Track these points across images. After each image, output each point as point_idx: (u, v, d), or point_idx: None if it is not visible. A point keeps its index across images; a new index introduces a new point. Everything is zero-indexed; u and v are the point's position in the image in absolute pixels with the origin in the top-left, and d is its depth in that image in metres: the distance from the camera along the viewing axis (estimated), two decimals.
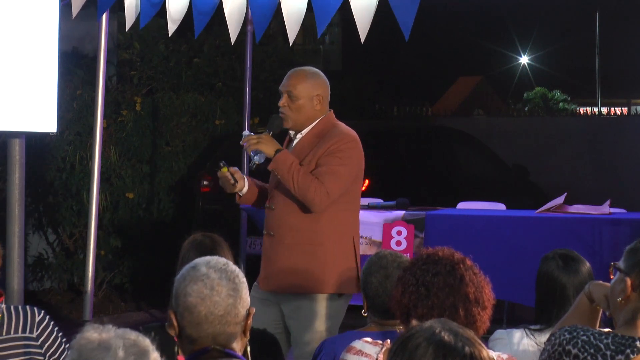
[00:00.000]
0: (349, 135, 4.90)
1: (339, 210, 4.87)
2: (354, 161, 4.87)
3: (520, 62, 32.79)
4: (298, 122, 4.96)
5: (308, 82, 4.94)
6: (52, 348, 3.58)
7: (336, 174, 4.80)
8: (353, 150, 4.87)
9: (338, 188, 4.80)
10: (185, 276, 2.64)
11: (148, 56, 10.72)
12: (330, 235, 4.86)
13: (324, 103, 4.97)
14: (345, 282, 4.89)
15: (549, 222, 7.36)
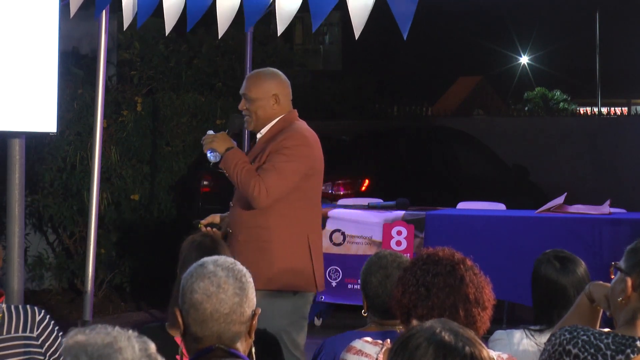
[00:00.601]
0: (299, 134, 4.97)
1: (290, 207, 4.91)
2: (301, 159, 4.91)
3: (520, 62, 32.79)
4: (258, 123, 5.05)
5: (263, 83, 5.05)
6: (53, 348, 3.58)
7: (279, 171, 4.86)
8: (301, 147, 4.93)
9: (280, 185, 4.85)
10: (193, 273, 2.64)
11: (148, 56, 10.72)
12: (280, 233, 4.89)
13: (282, 102, 5.05)
14: (297, 279, 4.90)
15: (549, 222, 7.36)
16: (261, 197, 4.85)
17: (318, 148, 5.06)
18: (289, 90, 5.14)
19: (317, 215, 5.07)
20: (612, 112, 17.86)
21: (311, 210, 5.01)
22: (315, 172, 5.01)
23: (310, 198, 5.01)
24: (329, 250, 7.72)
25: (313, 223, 5.02)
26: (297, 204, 4.93)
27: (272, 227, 4.92)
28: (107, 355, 2.07)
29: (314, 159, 5.00)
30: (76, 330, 2.13)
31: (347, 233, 7.69)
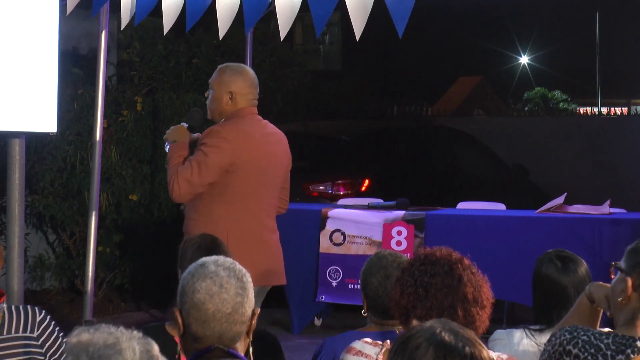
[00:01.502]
0: (220, 130, 5.03)
1: (211, 202, 5.01)
2: (220, 155, 4.97)
3: (520, 62, 32.78)
4: (213, 115, 5.17)
5: (224, 78, 5.16)
6: (53, 348, 3.58)
7: (192, 165, 4.95)
8: (220, 142, 4.99)
9: (194, 180, 4.94)
10: (194, 273, 2.63)
11: (148, 56, 10.72)
12: (201, 226, 4.97)
13: (237, 101, 5.16)
14: None
15: (549, 222, 7.36)
16: (174, 190, 5.01)
17: (245, 145, 5.08)
18: (249, 91, 5.24)
19: (243, 212, 5.09)
20: (612, 112, 17.85)
21: (231, 207, 5.05)
22: (236, 169, 5.05)
23: (232, 194, 5.05)
24: (329, 250, 7.73)
25: (233, 220, 5.05)
26: (217, 198, 5.02)
27: (196, 220, 5.06)
28: (108, 356, 2.07)
29: (233, 156, 5.03)
30: (80, 329, 2.13)
31: (347, 233, 7.69)
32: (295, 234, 7.87)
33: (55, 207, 9.00)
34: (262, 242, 5.15)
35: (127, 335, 2.12)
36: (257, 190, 5.14)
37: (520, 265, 6.93)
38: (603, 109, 22.06)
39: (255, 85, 5.29)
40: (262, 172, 5.14)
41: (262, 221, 5.18)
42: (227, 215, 5.03)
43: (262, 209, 5.19)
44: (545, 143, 14.37)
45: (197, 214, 5.07)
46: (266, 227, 5.21)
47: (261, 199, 5.17)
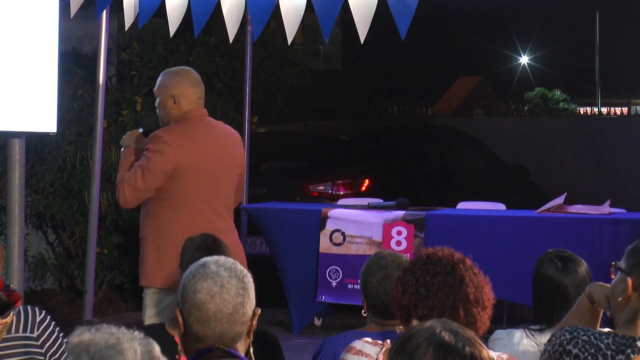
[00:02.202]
0: (164, 135, 5.03)
1: (159, 207, 5.03)
2: (162, 160, 4.97)
3: (520, 62, 32.76)
4: (163, 121, 5.17)
5: (165, 83, 5.14)
6: (53, 348, 3.58)
7: (136, 171, 4.97)
8: (163, 147, 4.99)
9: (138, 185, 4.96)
10: (195, 273, 2.63)
11: (148, 56, 10.72)
12: (151, 231, 5.06)
13: (181, 104, 5.11)
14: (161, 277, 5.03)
15: (549, 222, 7.36)
16: (121, 198, 5.04)
17: (186, 149, 5.05)
18: (191, 91, 5.17)
19: (192, 216, 5.07)
20: (612, 112, 17.85)
21: (179, 211, 5.05)
22: (181, 173, 5.03)
23: (179, 198, 5.04)
24: (329, 250, 7.73)
25: (181, 224, 5.03)
26: (165, 203, 5.04)
27: (146, 225, 5.11)
28: (109, 356, 2.07)
29: (177, 160, 5.02)
30: (82, 329, 2.14)
31: (347, 233, 7.69)
32: (295, 234, 7.87)
33: (55, 207, 9.00)
34: None
35: (128, 336, 2.12)
36: (206, 193, 5.11)
37: (520, 266, 6.93)
38: (603, 109, 22.04)
39: (197, 84, 5.20)
40: (210, 174, 5.11)
41: (214, 223, 5.13)
42: (177, 220, 5.03)
43: (213, 211, 5.16)
44: (545, 143, 14.37)
45: (147, 219, 5.09)
46: (218, 230, 5.11)
47: (212, 202, 5.14)
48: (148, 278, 5.09)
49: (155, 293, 5.05)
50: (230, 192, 5.27)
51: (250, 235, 8.85)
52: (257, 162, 9.27)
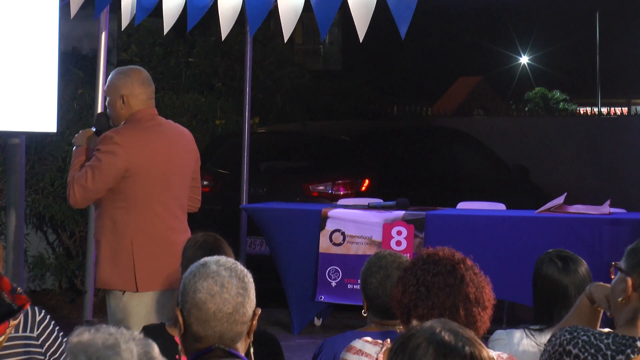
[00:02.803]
0: (115, 136, 5.02)
1: (113, 207, 5.01)
2: (113, 160, 4.96)
3: (520, 62, 32.77)
4: (114, 121, 5.16)
5: (114, 83, 5.12)
6: (53, 347, 3.58)
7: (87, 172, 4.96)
8: (113, 148, 4.98)
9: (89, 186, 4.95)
10: (195, 273, 2.63)
11: (147, 56, 10.72)
12: (106, 233, 5.02)
13: (130, 104, 5.10)
14: (117, 278, 5.02)
15: (549, 222, 7.36)
16: (70, 197, 5.00)
17: (137, 150, 5.04)
18: (140, 91, 5.15)
19: (146, 216, 5.06)
20: (612, 112, 17.85)
21: (134, 212, 5.04)
22: (133, 174, 5.02)
23: (133, 199, 5.03)
24: (329, 250, 7.73)
25: (136, 225, 5.03)
26: (119, 204, 5.03)
27: (101, 227, 5.07)
28: (106, 357, 2.08)
29: (128, 161, 5.00)
30: (81, 329, 2.14)
31: (347, 233, 7.69)
32: (295, 234, 7.87)
33: (55, 207, 9.00)
34: (170, 244, 5.07)
35: (126, 337, 2.12)
36: (159, 193, 5.09)
37: (520, 265, 6.93)
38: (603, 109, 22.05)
39: (146, 83, 5.17)
40: (163, 174, 5.09)
41: (168, 223, 5.12)
42: (130, 221, 5.02)
43: (167, 211, 5.14)
44: (545, 143, 14.36)
45: (101, 221, 5.07)
46: (173, 229, 5.16)
47: (165, 202, 5.12)
48: (103, 281, 5.06)
49: (118, 297, 5.05)
50: (184, 191, 5.25)
51: (250, 235, 8.85)
52: (257, 162, 9.27)
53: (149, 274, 5.01)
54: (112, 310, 5.11)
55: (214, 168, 9.73)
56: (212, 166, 9.75)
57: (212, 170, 9.69)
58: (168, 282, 5.06)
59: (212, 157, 9.92)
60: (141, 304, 5.05)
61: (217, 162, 9.78)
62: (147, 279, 5.01)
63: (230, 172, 9.37)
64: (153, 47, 10.71)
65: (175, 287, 5.10)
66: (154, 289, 5.05)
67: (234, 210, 8.75)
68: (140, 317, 5.01)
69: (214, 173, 9.66)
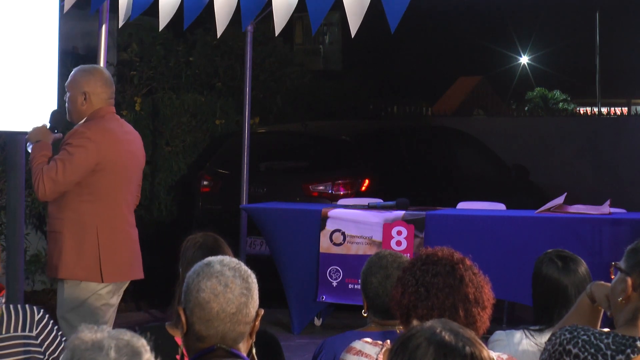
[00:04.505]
0: (83, 130, 5.13)
1: (79, 201, 5.11)
2: (83, 154, 5.08)
3: (520, 62, 32.76)
4: (71, 117, 5.25)
5: (77, 79, 5.22)
6: (52, 347, 3.58)
7: (58, 165, 5.05)
8: (85, 142, 5.09)
9: (59, 179, 5.04)
10: (199, 272, 2.63)
11: (147, 56, 10.72)
12: (69, 224, 5.12)
13: (92, 101, 5.20)
14: (80, 270, 5.12)
15: (549, 222, 7.36)
16: (39, 190, 5.07)
17: (110, 145, 5.19)
18: (104, 90, 5.27)
19: (111, 209, 5.23)
20: (612, 112, 17.84)
21: (99, 205, 5.17)
22: (102, 168, 5.16)
23: (100, 193, 5.17)
24: (329, 250, 7.73)
25: (102, 217, 5.18)
26: (85, 197, 5.13)
27: (63, 219, 5.14)
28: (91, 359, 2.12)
29: (99, 156, 5.14)
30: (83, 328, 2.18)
31: (347, 233, 7.69)
32: (295, 234, 7.87)
33: None
34: (128, 237, 5.33)
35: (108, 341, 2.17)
36: (121, 187, 5.28)
37: (520, 266, 6.93)
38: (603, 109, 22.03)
39: (109, 84, 5.33)
40: (124, 169, 5.28)
41: (126, 217, 5.34)
42: (95, 213, 5.16)
43: (125, 205, 5.34)
44: (545, 143, 14.36)
45: (63, 213, 5.16)
46: (129, 223, 5.38)
47: (124, 196, 5.32)
48: (69, 270, 5.14)
49: (75, 285, 5.14)
50: (136, 187, 5.48)
51: (250, 235, 8.85)
52: (257, 162, 9.27)
53: (112, 265, 5.18)
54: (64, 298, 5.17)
55: (214, 168, 9.73)
56: (212, 166, 9.75)
57: (212, 170, 9.70)
58: (126, 274, 5.31)
59: (212, 157, 9.93)
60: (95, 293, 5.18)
61: (217, 162, 9.78)
62: (111, 271, 5.18)
63: (230, 172, 9.37)
64: (153, 47, 10.71)
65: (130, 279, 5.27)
66: (116, 280, 5.23)
67: (234, 210, 8.75)
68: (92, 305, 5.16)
69: (214, 173, 9.66)
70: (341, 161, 9.45)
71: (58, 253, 5.15)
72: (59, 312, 5.14)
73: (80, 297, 5.14)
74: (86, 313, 5.12)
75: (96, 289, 5.17)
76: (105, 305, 5.20)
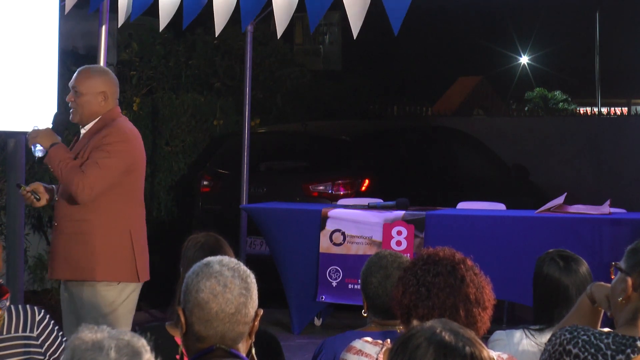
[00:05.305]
0: (119, 130, 5.13)
1: (112, 202, 5.09)
2: (121, 155, 5.08)
3: (520, 62, 32.75)
4: (83, 117, 5.21)
5: (93, 80, 5.18)
6: (53, 347, 3.58)
7: (100, 167, 5.02)
8: (122, 143, 5.09)
9: (100, 180, 5.02)
10: (198, 272, 2.63)
11: (147, 56, 10.72)
12: (102, 225, 5.07)
13: (109, 100, 5.19)
14: (119, 270, 5.08)
15: (549, 222, 7.36)
16: (84, 192, 5.02)
17: (139, 145, 5.24)
18: (116, 89, 5.30)
19: (140, 210, 5.25)
20: (612, 112, 17.83)
21: (133, 205, 5.19)
22: (135, 169, 5.19)
23: (131, 193, 5.19)
24: (329, 250, 7.73)
25: (135, 218, 5.19)
26: (118, 198, 5.12)
27: (95, 220, 5.09)
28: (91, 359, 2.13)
29: (134, 155, 5.17)
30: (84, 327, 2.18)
31: (347, 233, 7.69)
32: (295, 234, 7.87)
33: (54, 207, 8.99)
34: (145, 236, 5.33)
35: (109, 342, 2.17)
36: (142, 186, 5.33)
37: (520, 265, 6.93)
38: (603, 109, 22.02)
39: (117, 84, 5.37)
40: (144, 169, 5.34)
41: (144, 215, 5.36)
42: (128, 213, 5.16)
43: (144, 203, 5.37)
44: (545, 143, 14.36)
45: (92, 214, 5.10)
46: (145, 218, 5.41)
47: (142, 195, 5.36)
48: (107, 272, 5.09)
49: (112, 287, 5.10)
50: None
51: (250, 235, 8.85)
52: (257, 162, 9.27)
53: (143, 264, 5.19)
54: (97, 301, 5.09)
55: (214, 168, 9.73)
56: (212, 166, 9.75)
57: (212, 170, 9.70)
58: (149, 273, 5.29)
59: (212, 157, 9.93)
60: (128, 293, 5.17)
61: (217, 162, 9.79)
62: (143, 270, 5.18)
63: (230, 172, 9.37)
64: (153, 47, 10.71)
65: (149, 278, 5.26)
66: (146, 279, 5.24)
67: (234, 210, 8.75)
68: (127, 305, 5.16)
69: (214, 173, 9.66)
70: (341, 161, 9.45)
71: (89, 255, 5.06)
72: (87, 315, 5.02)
73: (117, 299, 5.09)
74: (120, 315, 5.10)
75: (131, 290, 5.14)
76: (134, 306, 5.20)
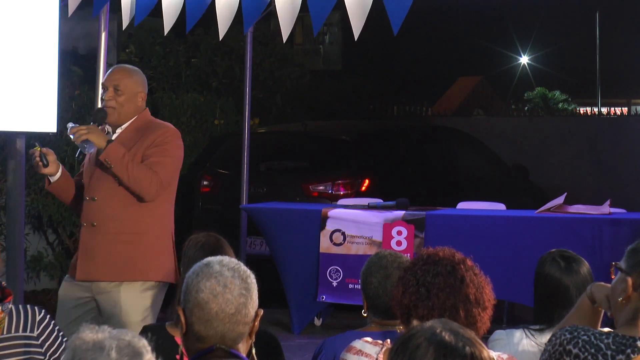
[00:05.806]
0: (171, 129, 5.13)
1: (160, 201, 5.05)
2: (179, 154, 5.10)
3: (520, 62, 32.75)
4: (121, 116, 5.13)
5: (133, 79, 5.15)
6: (53, 347, 3.58)
7: (165, 165, 5.00)
8: (176, 142, 5.09)
9: (168, 177, 5.00)
10: (198, 273, 2.63)
11: (147, 56, 10.72)
12: (152, 225, 5.03)
13: (144, 101, 5.19)
14: (167, 270, 5.04)
15: (549, 222, 7.36)
16: (157, 189, 4.96)
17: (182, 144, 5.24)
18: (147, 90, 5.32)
19: (172, 208, 5.21)
20: (612, 112, 17.83)
21: (172, 205, 5.18)
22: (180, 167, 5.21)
23: (172, 192, 5.16)
24: (330, 250, 7.73)
25: (172, 218, 5.18)
26: (167, 197, 5.10)
27: (145, 220, 5.03)
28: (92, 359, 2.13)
29: (183, 156, 5.19)
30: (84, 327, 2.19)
31: (347, 233, 7.69)
32: (295, 234, 7.87)
33: (53, 208, 9.00)
34: None
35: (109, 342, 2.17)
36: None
37: (520, 266, 6.94)
38: (603, 109, 22.03)
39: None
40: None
41: None
42: (170, 212, 5.15)
43: None
44: (545, 143, 14.36)
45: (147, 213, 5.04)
46: None
47: None
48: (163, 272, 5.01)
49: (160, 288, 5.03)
50: None
51: (250, 235, 8.85)
52: (257, 162, 9.27)
53: (175, 264, 5.10)
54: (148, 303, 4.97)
55: (214, 168, 9.73)
56: (212, 166, 9.75)
57: (212, 170, 9.70)
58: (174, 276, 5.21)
59: (212, 157, 9.93)
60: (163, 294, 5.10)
61: (217, 162, 9.79)
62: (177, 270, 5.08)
63: (230, 172, 9.37)
64: (153, 47, 10.71)
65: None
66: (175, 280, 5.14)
67: (234, 210, 8.75)
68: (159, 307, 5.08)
69: (214, 173, 9.66)
70: (341, 161, 9.45)
71: (142, 255, 4.98)
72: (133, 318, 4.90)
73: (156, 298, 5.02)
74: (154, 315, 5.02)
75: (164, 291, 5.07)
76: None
